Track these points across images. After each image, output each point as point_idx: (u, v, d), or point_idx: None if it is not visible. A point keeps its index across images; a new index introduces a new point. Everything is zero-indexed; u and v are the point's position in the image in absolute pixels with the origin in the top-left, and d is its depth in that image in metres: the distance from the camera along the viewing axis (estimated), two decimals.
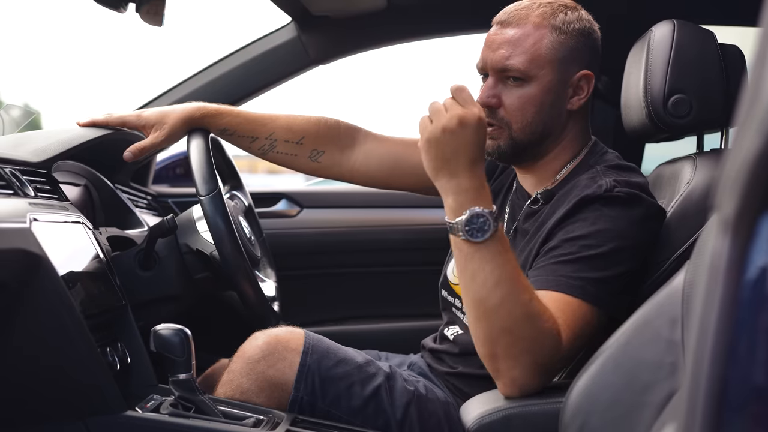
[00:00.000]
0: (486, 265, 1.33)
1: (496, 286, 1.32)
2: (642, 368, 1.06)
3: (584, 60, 1.60)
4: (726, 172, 0.53)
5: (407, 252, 2.76)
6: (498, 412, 1.35)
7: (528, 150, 1.61)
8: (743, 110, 0.52)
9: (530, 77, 1.56)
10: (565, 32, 1.57)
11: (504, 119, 1.58)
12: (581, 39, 1.59)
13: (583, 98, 1.61)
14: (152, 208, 2.51)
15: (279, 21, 2.50)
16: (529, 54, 1.55)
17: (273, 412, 1.49)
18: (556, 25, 1.56)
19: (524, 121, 1.58)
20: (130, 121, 1.86)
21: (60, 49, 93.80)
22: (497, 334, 1.33)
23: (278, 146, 1.91)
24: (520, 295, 1.32)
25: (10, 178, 1.47)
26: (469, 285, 1.35)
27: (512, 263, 1.35)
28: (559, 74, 1.57)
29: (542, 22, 1.56)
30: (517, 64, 1.55)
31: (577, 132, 1.64)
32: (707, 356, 0.51)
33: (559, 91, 1.58)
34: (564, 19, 1.57)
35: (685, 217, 1.51)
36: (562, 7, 1.59)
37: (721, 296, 0.51)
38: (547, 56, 1.56)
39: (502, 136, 1.59)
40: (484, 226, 1.34)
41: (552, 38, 1.56)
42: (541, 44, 1.56)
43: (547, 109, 1.58)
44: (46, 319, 1.34)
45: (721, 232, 0.52)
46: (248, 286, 1.73)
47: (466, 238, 1.34)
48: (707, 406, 0.51)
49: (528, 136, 1.59)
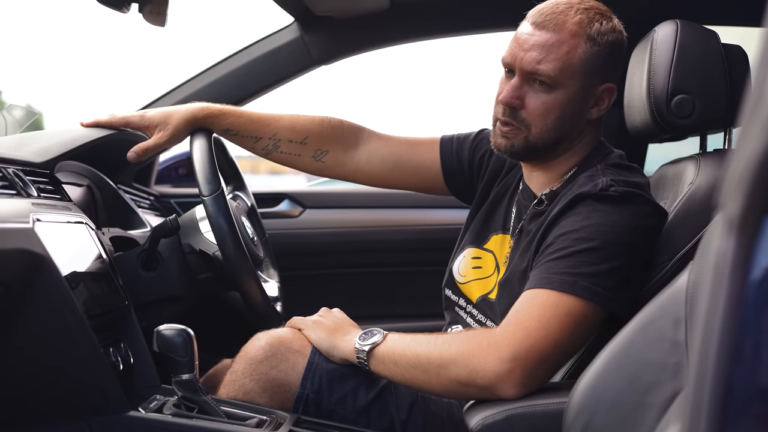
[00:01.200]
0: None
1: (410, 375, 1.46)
2: (645, 368, 1.06)
3: (610, 72, 1.60)
4: (730, 171, 0.53)
5: (410, 252, 2.76)
6: (501, 413, 1.35)
7: (540, 152, 1.62)
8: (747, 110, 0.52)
9: (558, 84, 1.55)
10: (599, 44, 1.56)
11: (525, 121, 1.58)
12: (612, 51, 1.58)
13: (603, 110, 1.62)
14: (155, 209, 2.51)
15: (282, 21, 2.50)
16: (562, 62, 1.54)
17: (276, 413, 1.49)
18: (591, 35, 1.55)
19: (544, 126, 1.57)
20: (133, 121, 1.86)
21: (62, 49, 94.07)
22: (448, 386, 1.43)
23: (282, 146, 1.91)
24: (428, 371, 1.43)
25: (13, 178, 1.47)
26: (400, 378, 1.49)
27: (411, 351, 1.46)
28: (585, 85, 1.57)
29: (579, 31, 1.54)
30: (548, 71, 1.54)
31: (591, 138, 1.65)
32: (712, 357, 0.51)
33: (583, 102, 1.58)
34: (599, 29, 1.56)
35: (688, 218, 1.51)
36: (599, 16, 1.57)
37: (726, 296, 0.51)
38: (578, 66, 1.55)
39: (518, 136, 1.59)
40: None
41: (585, 48, 1.55)
42: (574, 53, 1.54)
43: (567, 117, 1.58)
44: (49, 320, 1.34)
45: (725, 231, 0.52)
46: (251, 287, 1.73)
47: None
48: (712, 406, 0.51)
49: (544, 141, 1.59)
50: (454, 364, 1.40)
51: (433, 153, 1.90)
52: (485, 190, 1.84)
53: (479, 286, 1.73)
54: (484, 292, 1.71)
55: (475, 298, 1.73)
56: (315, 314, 1.65)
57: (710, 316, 0.52)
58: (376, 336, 1.51)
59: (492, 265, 1.73)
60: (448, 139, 1.91)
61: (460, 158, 1.88)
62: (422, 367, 1.44)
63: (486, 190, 1.83)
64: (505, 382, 1.36)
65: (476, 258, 1.77)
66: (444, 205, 2.60)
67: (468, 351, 1.40)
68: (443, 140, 1.91)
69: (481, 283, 1.73)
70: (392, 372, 1.48)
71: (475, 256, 1.77)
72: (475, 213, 1.83)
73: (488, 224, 1.78)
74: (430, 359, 1.43)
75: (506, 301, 1.55)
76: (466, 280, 1.76)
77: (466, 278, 1.76)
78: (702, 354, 0.53)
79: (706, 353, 0.52)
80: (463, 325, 1.73)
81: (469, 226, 1.83)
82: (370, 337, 1.51)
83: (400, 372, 1.47)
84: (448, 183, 1.91)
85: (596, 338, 1.48)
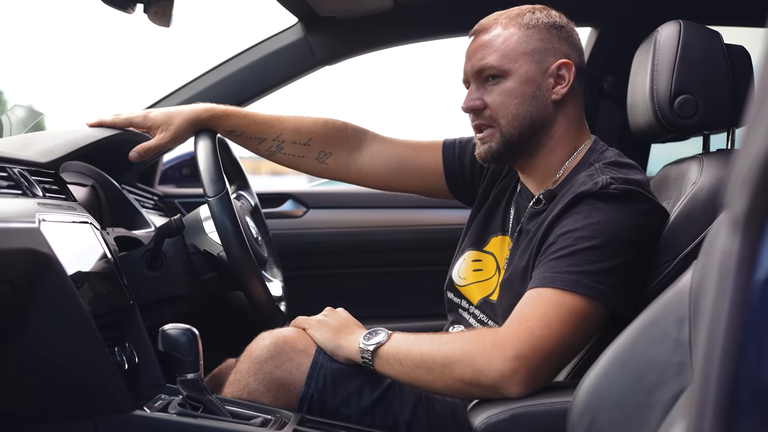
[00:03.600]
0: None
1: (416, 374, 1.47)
2: (649, 368, 1.06)
3: (560, 50, 1.63)
4: (735, 170, 0.53)
5: (413, 252, 2.76)
6: (505, 412, 1.35)
7: (520, 146, 1.63)
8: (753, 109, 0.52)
9: (506, 72, 1.61)
10: (533, 26, 1.62)
11: (491, 117, 1.63)
12: (552, 31, 1.63)
13: (566, 87, 1.63)
14: (159, 209, 2.52)
15: (285, 22, 2.50)
16: (501, 51, 1.61)
17: (280, 412, 1.49)
18: (523, 23, 1.63)
19: (510, 113, 1.61)
20: (136, 121, 1.87)
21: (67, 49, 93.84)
22: (452, 385, 1.44)
23: (286, 148, 1.91)
24: (434, 369, 1.43)
25: (18, 178, 1.48)
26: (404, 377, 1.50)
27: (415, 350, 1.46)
28: (534, 65, 1.61)
29: (510, 23, 1.63)
30: (491, 62, 1.61)
31: (569, 125, 1.65)
32: (717, 356, 0.51)
33: (539, 81, 1.62)
34: (531, 17, 1.64)
35: (691, 217, 1.51)
36: (529, 8, 1.66)
37: (732, 295, 0.51)
38: (519, 49, 1.61)
39: (494, 136, 1.63)
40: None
41: (521, 33, 1.62)
42: (510, 40, 1.62)
43: (529, 100, 1.61)
44: (54, 319, 1.35)
45: (730, 231, 0.52)
46: (256, 287, 1.74)
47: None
48: (717, 406, 0.51)
49: (517, 130, 1.62)
50: (458, 363, 1.40)
51: (435, 156, 1.91)
52: (485, 193, 1.84)
53: (480, 288, 1.73)
54: (485, 294, 1.71)
55: (476, 300, 1.73)
56: (319, 314, 1.65)
57: (715, 315, 0.52)
58: (381, 335, 1.51)
59: (493, 268, 1.73)
60: (451, 142, 1.92)
61: (462, 161, 1.89)
62: (427, 366, 1.44)
63: (486, 193, 1.84)
64: (510, 381, 1.37)
65: (476, 261, 1.77)
66: (447, 206, 2.60)
67: (472, 350, 1.40)
68: (446, 143, 1.92)
69: (481, 286, 1.73)
70: (397, 371, 1.49)
71: (475, 259, 1.77)
72: (475, 215, 1.84)
73: (487, 226, 1.79)
74: (434, 359, 1.43)
75: (507, 302, 1.56)
76: (466, 282, 1.76)
77: (466, 281, 1.76)
78: (707, 353, 0.53)
79: (711, 352, 0.52)
80: (466, 326, 1.73)
81: (469, 229, 1.84)
82: (374, 337, 1.52)
83: (404, 371, 1.47)
84: (450, 186, 1.92)
85: (600, 337, 1.48)
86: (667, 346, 1.04)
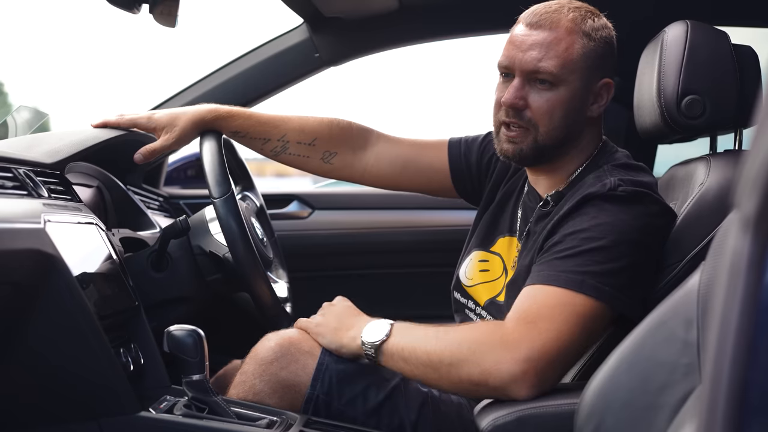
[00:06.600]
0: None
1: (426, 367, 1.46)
2: (657, 369, 1.06)
3: (606, 68, 1.61)
4: (745, 170, 0.52)
5: (419, 253, 2.76)
6: (512, 414, 1.34)
7: (548, 153, 1.61)
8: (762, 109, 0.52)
9: (560, 81, 1.55)
10: (594, 39, 1.57)
11: (531, 121, 1.58)
12: (606, 47, 1.59)
13: (602, 105, 1.62)
14: (164, 210, 2.52)
15: (291, 22, 2.50)
16: (562, 58, 1.55)
17: (286, 414, 1.49)
18: (586, 31, 1.57)
19: (551, 124, 1.57)
20: (140, 122, 1.86)
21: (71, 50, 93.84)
22: (459, 384, 1.43)
23: (290, 148, 1.91)
24: (444, 365, 1.42)
25: (23, 179, 1.48)
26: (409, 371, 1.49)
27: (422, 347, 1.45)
28: (585, 81, 1.57)
29: (574, 28, 1.56)
30: (550, 68, 1.54)
31: (592, 137, 1.65)
32: (728, 358, 0.51)
33: (583, 98, 1.59)
34: (592, 25, 1.58)
35: (699, 218, 1.50)
36: (590, 14, 1.59)
37: (742, 296, 0.51)
38: (578, 62, 1.56)
39: (526, 139, 1.59)
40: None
41: (582, 44, 1.56)
42: (573, 49, 1.55)
43: (572, 114, 1.58)
44: (60, 320, 1.35)
45: (741, 231, 0.52)
46: (261, 288, 1.73)
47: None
48: (728, 407, 0.51)
49: (552, 141, 1.59)
50: (466, 363, 1.40)
51: (441, 155, 1.90)
52: (492, 193, 1.83)
53: (486, 289, 1.73)
54: (492, 295, 1.71)
55: (482, 301, 1.72)
56: (317, 313, 1.65)
57: (726, 315, 0.52)
58: (382, 330, 1.51)
59: (500, 268, 1.72)
60: (456, 141, 1.91)
61: (468, 160, 1.88)
62: (433, 365, 1.43)
63: (492, 193, 1.83)
64: (519, 383, 1.36)
65: (483, 261, 1.76)
66: (453, 207, 2.59)
67: (480, 350, 1.39)
68: (451, 142, 1.91)
69: (488, 286, 1.73)
70: (402, 369, 1.49)
71: (482, 259, 1.77)
72: (481, 215, 1.83)
73: (495, 227, 1.78)
74: (441, 358, 1.43)
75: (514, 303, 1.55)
76: (473, 283, 1.76)
77: (473, 281, 1.76)
78: (717, 354, 0.52)
79: (721, 353, 0.52)
80: None
81: (475, 229, 1.83)
82: (375, 331, 1.51)
83: (410, 369, 1.47)
84: (456, 185, 1.91)
85: (607, 339, 1.47)
86: (675, 348, 1.04)
